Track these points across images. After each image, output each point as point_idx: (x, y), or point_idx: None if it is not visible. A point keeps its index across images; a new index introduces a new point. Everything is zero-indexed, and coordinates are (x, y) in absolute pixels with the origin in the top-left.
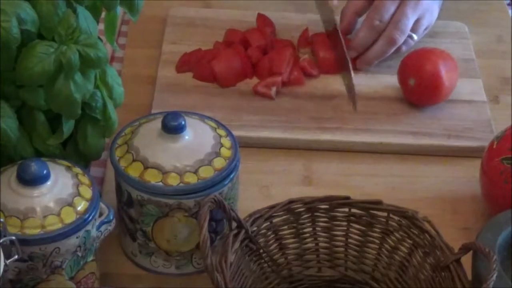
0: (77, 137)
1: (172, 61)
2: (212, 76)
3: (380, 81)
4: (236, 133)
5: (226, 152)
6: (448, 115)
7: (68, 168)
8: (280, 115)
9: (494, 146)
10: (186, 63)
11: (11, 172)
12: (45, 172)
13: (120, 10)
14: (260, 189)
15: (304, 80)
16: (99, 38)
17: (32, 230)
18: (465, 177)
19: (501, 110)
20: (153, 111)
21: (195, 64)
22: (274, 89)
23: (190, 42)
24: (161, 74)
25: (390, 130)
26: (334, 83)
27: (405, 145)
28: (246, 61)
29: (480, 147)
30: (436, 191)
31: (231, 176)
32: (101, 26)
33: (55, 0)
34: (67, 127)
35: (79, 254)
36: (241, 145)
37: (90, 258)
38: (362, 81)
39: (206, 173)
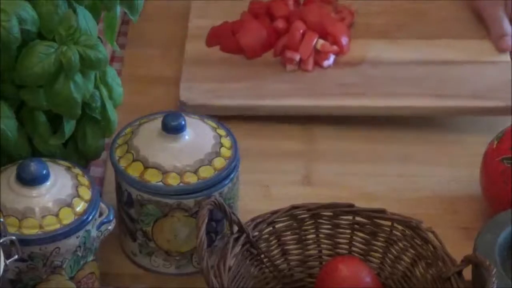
0: (77, 137)
1: (199, 35)
2: (238, 48)
3: (402, 46)
4: (264, 102)
5: (226, 152)
6: (472, 77)
7: (68, 169)
8: (307, 83)
9: (494, 146)
10: (215, 36)
11: (11, 172)
12: (44, 172)
13: (120, 10)
14: (260, 189)
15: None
16: (99, 38)
17: (29, 230)
18: (465, 177)
19: None
20: (181, 84)
21: (222, 37)
22: (298, 57)
23: (216, 15)
24: (189, 48)
25: (415, 93)
26: (361, 49)
27: (431, 108)
28: (272, 32)
29: (506, 107)
30: (436, 191)
31: (231, 176)
32: (100, 26)
33: (55, 0)
34: (69, 127)
35: (79, 254)
36: (270, 114)
37: (90, 258)
38: (383, 47)
39: (206, 173)
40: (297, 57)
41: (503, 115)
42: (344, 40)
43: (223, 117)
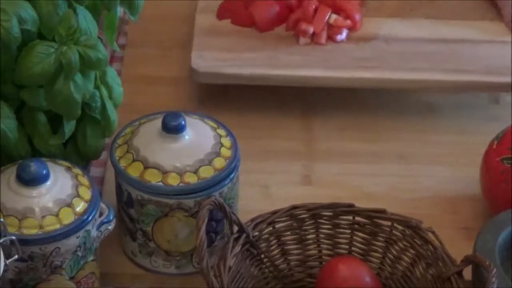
0: (77, 137)
1: (209, 8)
2: (250, 22)
3: (415, 24)
4: (276, 72)
5: (226, 152)
6: (484, 54)
7: (68, 169)
8: (320, 56)
9: (494, 146)
10: (226, 10)
11: (11, 172)
12: (44, 172)
13: (120, 10)
14: (260, 189)
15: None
16: (99, 38)
17: (29, 230)
18: (465, 177)
19: (501, 110)
20: (193, 54)
21: (234, 10)
22: (312, 29)
23: None
24: (199, 20)
25: (428, 68)
26: (374, 26)
27: (444, 82)
28: (284, 7)
29: None
30: (436, 191)
31: (231, 176)
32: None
33: (55, 0)
34: (69, 127)
35: (79, 254)
36: (283, 84)
37: (90, 258)
38: (396, 24)
39: (206, 173)
40: (310, 29)
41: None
42: (357, 16)
43: (233, 87)
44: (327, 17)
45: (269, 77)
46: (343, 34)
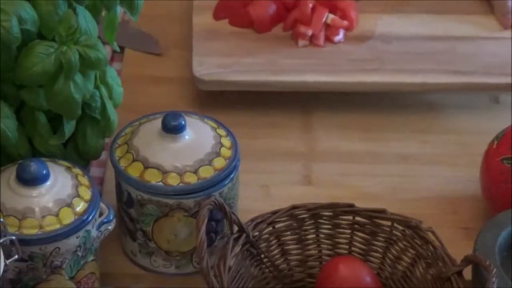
0: (77, 137)
1: (206, 7)
2: (248, 22)
3: (410, 20)
4: (278, 78)
5: (226, 152)
6: (482, 52)
7: (68, 169)
8: (320, 59)
9: (494, 146)
10: (223, 9)
11: (11, 172)
12: (44, 172)
13: (120, 10)
14: (260, 189)
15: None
16: (99, 38)
17: (30, 230)
18: (465, 177)
19: (501, 110)
20: (194, 60)
21: (232, 10)
22: (310, 31)
23: None
24: (196, 22)
25: (426, 69)
26: (369, 24)
27: (444, 84)
28: (281, 6)
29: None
30: (436, 191)
31: (231, 176)
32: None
33: (55, 0)
34: (69, 127)
35: (79, 254)
36: (285, 89)
37: (90, 258)
38: (395, 21)
39: (206, 173)
40: (309, 32)
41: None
42: (353, 14)
43: (236, 93)
44: (324, 18)
45: (270, 84)
46: (340, 35)
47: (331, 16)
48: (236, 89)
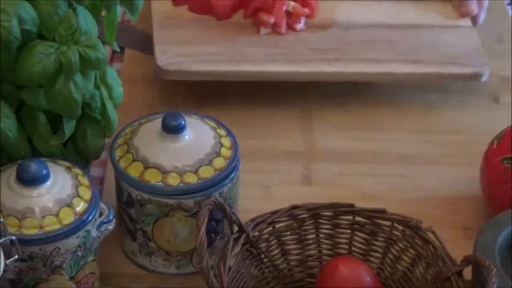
0: (77, 137)
1: None
2: (208, 8)
3: (373, 8)
4: (242, 68)
5: (226, 152)
6: (441, 41)
7: (68, 169)
8: (282, 48)
9: (494, 146)
10: None
11: (11, 172)
12: (44, 172)
13: (120, 10)
14: (260, 189)
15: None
16: (99, 38)
17: (30, 230)
18: (465, 177)
19: (501, 110)
20: (156, 49)
21: None
22: (272, 19)
23: None
24: (156, 9)
25: (387, 59)
26: (329, 11)
27: (405, 74)
28: None
29: (475, 73)
30: (436, 191)
31: (231, 176)
32: None
33: (55, 0)
34: (69, 127)
35: (79, 254)
36: (248, 79)
37: (90, 258)
38: (354, 9)
39: (206, 173)
40: (271, 20)
41: (472, 80)
42: (313, 2)
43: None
44: (285, 5)
45: (233, 74)
46: (302, 23)
47: (292, 3)
48: (199, 79)
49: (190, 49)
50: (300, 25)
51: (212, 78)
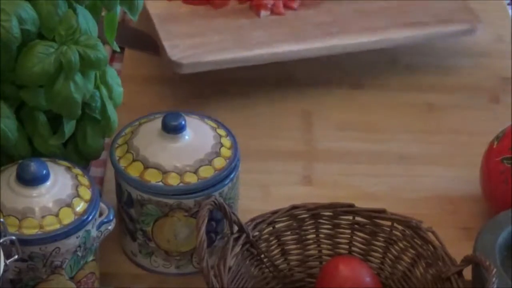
0: (77, 137)
1: None
2: None
3: None
4: (255, 52)
5: (226, 152)
6: (429, 2)
7: (68, 169)
8: (285, 27)
9: (494, 146)
10: None
11: (11, 172)
12: (44, 172)
13: (120, 9)
14: (260, 189)
15: None
16: (99, 38)
17: (29, 230)
18: (465, 177)
19: (501, 110)
20: (165, 45)
21: None
22: (271, 1)
23: None
24: (152, 7)
25: (383, 26)
26: None
27: (402, 38)
28: None
29: (468, 29)
30: (436, 191)
31: (231, 176)
32: None
33: (55, 0)
34: (69, 127)
35: (79, 254)
36: (264, 62)
37: (90, 258)
38: None
39: (206, 173)
40: (270, 2)
41: (465, 36)
42: None
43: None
44: None
45: (248, 58)
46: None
47: None
48: (215, 68)
49: (198, 41)
50: (296, 3)
51: (228, 65)
